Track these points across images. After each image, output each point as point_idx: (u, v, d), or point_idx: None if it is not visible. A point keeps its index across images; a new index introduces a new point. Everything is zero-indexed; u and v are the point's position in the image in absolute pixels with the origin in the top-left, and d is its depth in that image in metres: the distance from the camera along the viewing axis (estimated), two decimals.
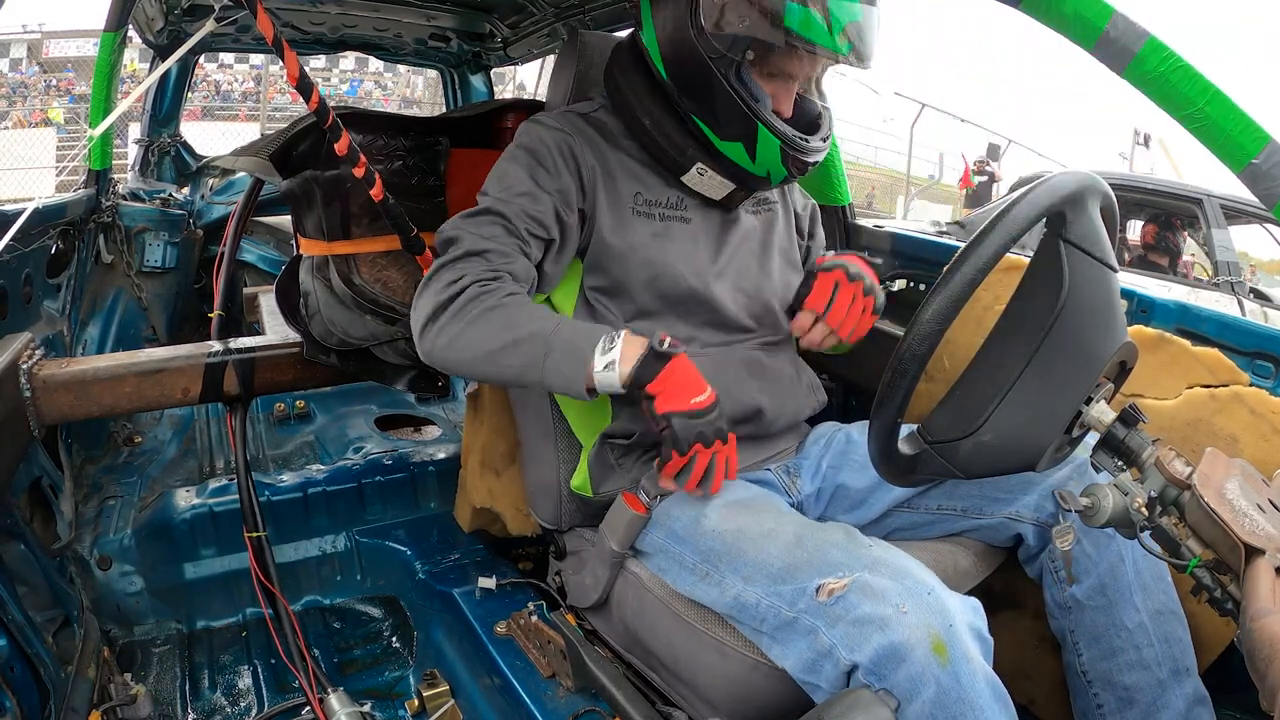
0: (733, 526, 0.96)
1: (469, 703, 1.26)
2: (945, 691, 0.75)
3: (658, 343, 0.93)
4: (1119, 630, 0.96)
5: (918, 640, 0.76)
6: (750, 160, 1.04)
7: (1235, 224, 4.25)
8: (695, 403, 0.92)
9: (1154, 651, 0.95)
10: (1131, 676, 0.96)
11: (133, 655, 1.45)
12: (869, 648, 0.78)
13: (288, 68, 1.11)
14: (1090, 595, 0.98)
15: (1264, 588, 0.61)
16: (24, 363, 1.23)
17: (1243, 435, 1.03)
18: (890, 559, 0.85)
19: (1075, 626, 1.00)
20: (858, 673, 0.79)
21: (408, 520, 1.72)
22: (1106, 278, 0.84)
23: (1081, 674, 1.00)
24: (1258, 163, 0.77)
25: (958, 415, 0.83)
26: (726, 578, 0.93)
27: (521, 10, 1.94)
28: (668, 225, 1.10)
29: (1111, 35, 0.83)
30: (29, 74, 16.13)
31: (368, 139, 1.36)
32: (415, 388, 1.54)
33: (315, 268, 1.38)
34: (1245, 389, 1.05)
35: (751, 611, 0.89)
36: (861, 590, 0.81)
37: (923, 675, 0.75)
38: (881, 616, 0.78)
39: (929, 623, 0.77)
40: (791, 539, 0.91)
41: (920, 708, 0.76)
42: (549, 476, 1.18)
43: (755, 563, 0.91)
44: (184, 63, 2.63)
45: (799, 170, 1.07)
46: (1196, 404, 1.08)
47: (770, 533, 0.93)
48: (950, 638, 0.77)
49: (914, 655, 0.76)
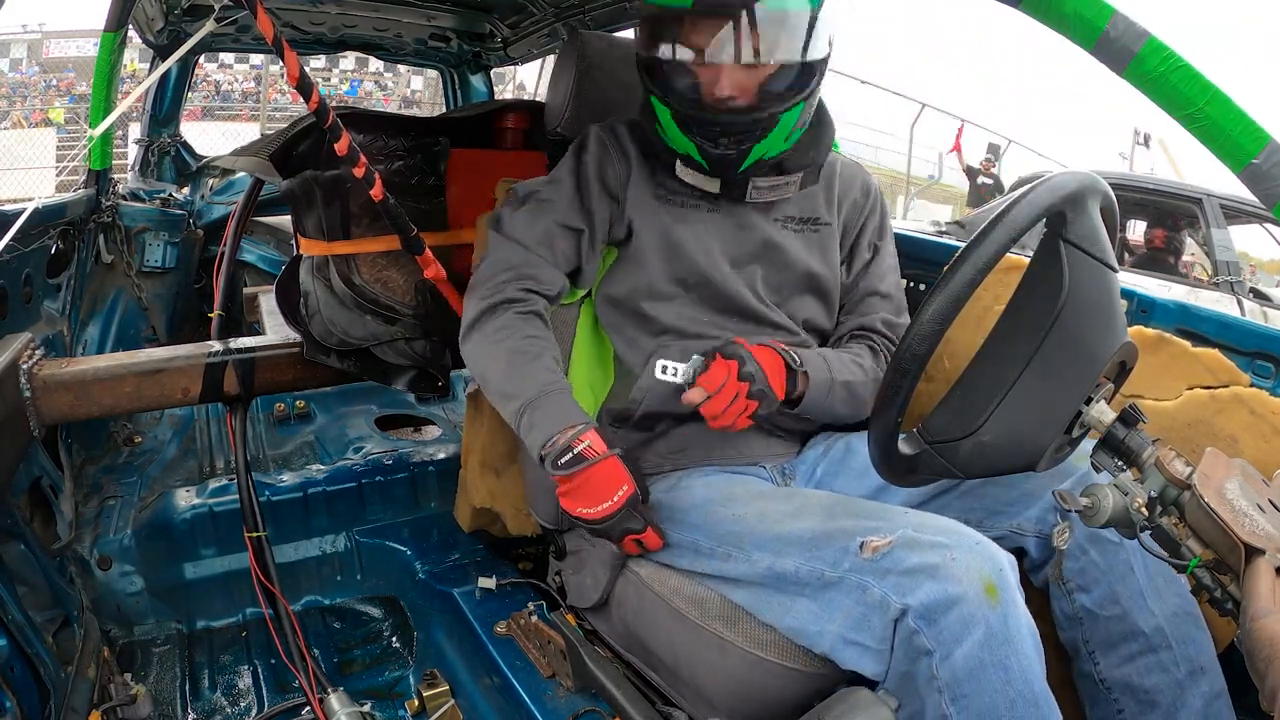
0: (754, 510, 0.99)
1: (469, 703, 1.26)
2: (994, 633, 0.77)
3: (589, 447, 0.98)
4: (1136, 635, 0.96)
5: (970, 582, 0.78)
6: (665, 136, 1.08)
7: (1235, 224, 4.25)
8: (587, 513, 0.98)
9: (1171, 654, 0.95)
10: (1151, 679, 0.95)
11: (133, 655, 1.45)
12: (920, 593, 0.80)
13: (288, 68, 1.11)
14: (1102, 604, 0.98)
15: (1264, 588, 0.61)
16: (24, 363, 1.23)
17: (1243, 436, 1.03)
18: (931, 519, 0.88)
19: (1089, 636, 1.00)
20: (907, 618, 0.80)
21: (408, 520, 1.72)
22: (1107, 278, 0.84)
23: (1100, 682, 0.99)
24: (1258, 163, 0.77)
25: (958, 415, 0.83)
26: (754, 554, 0.94)
27: (521, 10, 1.94)
28: (686, 212, 1.13)
29: (1111, 35, 0.83)
30: (29, 74, 16.13)
31: (368, 139, 1.36)
32: (415, 388, 1.54)
33: (315, 268, 1.38)
34: (1245, 390, 1.04)
35: (790, 579, 0.90)
36: (908, 544, 0.83)
37: (973, 617, 0.77)
38: (931, 565, 0.80)
39: (980, 567, 0.79)
40: (822, 511, 0.94)
41: (969, 650, 0.77)
42: (549, 476, 1.18)
43: (786, 537, 0.93)
44: (184, 63, 2.63)
45: (710, 141, 1.04)
46: (1197, 405, 1.07)
47: (798, 510, 0.96)
48: (1001, 581, 0.79)
49: (967, 598, 0.78)
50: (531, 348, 1.06)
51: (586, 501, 0.98)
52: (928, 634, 0.79)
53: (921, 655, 0.80)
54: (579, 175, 1.14)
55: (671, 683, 1.04)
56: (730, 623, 0.94)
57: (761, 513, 0.98)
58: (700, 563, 1.00)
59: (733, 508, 1.01)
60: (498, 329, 1.08)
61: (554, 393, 1.03)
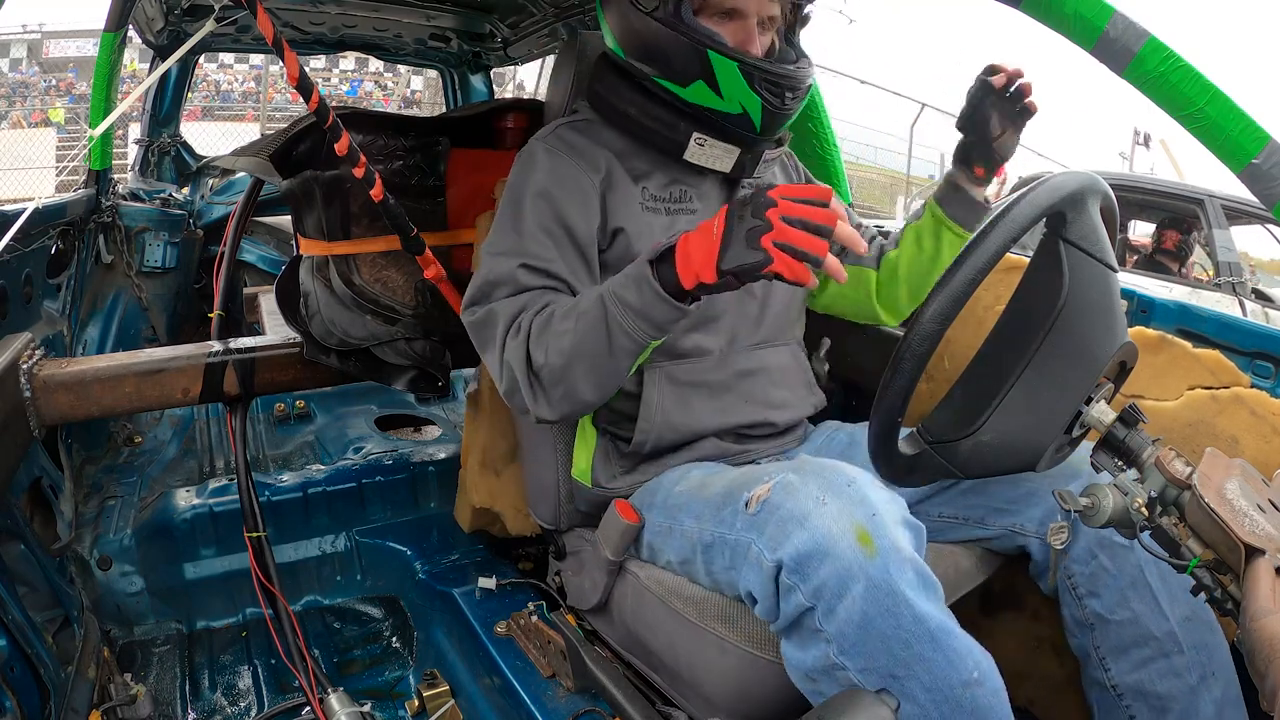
0: (695, 483, 0.99)
1: (469, 703, 1.26)
2: (875, 586, 0.73)
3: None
4: (1148, 640, 0.94)
5: (840, 532, 0.75)
6: (718, 96, 1.00)
7: (1236, 224, 4.25)
8: (722, 256, 0.81)
9: (1184, 659, 0.93)
10: (1164, 684, 0.94)
11: (133, 655, 1.45)
12: (790, 545, 0.77)
13: (288, 68, 1.11)
14: (1113, 609, 0.96)
15: (1264, 588, 0.61)
16: (24, 363, 1.23)
17: (1244, 437, 1.03)
18: (817, 461, 0.84)
19: (1100, 642, 0.98)
20: (782, 574, 0.78)
21: (408, 520, 1.72)
22: (1106, 278, 0.84)
23: (1111, 688, 0.98)
24: (1258, 163, 0.77)
25: (958, 415, 0.83)
26: (684, 523, 0.95)
27: (521, 10, 1.94)
28: (674, 219, 1.09)
29: (1111, 35, 0.83)
30: (29, 74, 16.14)
31: (368, 139, 1.36)
32: (415, 388, 1.54)
33: (315, 268, 1.38)
34: (1246, 390, 1.05)
35: (714, 553, 0.90)
36: (784, 490, 0.81)
37: (849, 570, 0.74)
38: (802, 512, 0.77)
39: (851, 513, 0.76)
40: (724, 482, 0.93)
41: (851, 605, 0.74)
42: (549, 477, 1.18)
43: (702, 500, 0.94)
44: (184, 63, 2.63)
45: (775, 97, 1.00)
46: (1197, 405, 1.07)
47: (709, 482, 0.96)
48: (875, 527, 0.75)
49: (838, 548, 0.74)
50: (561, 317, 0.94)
51: (705, 248, 0.83)
52: (804, 590, 0.76)
53: (804, 611, 0.78)
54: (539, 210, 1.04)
55: (671, 683, 1.04)
56: (729, 622, 0.93)
57: (701, 482, 0.98)
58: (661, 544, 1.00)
59: (681, 485, 1.01)
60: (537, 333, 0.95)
61: (603, 289, 0.92)
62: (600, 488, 1.11)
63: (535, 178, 1.05)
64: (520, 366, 0.96)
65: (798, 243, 0.77)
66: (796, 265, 0.78)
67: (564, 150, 1.07)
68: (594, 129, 1.11)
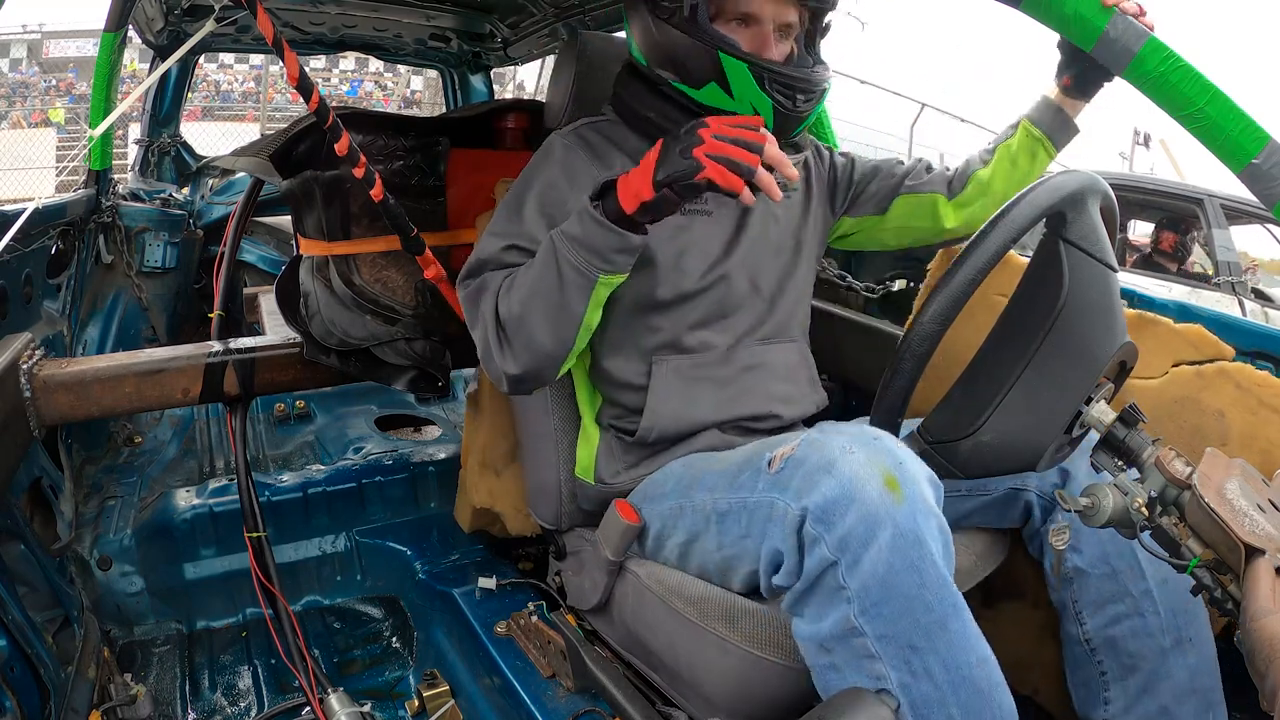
0: (708, 460, 1.00)
1: (469, 703, 1.26)
2: (903, 533, 0.73)
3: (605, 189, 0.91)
4: (1124, 596, 0.95)
5: (868, 476, 0.75)
6: (729, 97, 1.01)
7: (1236, 224, 4.25)
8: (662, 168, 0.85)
9: (1159, 620, 0.94)
10: (1136, 643, 0.95)
11: (133, 655, 1.45)
12: (816, 493, 0.76)
13: (288, 68, 1.11)
14: (1094, 564, 0.97)
15: (1264, 588, 0.61)
16: (24, 363, 1.23)
17: (1230, 410, 1.04)
18: (839, 424, 0.86)
19: (1079, 596, 0.99)
20: (806, 523, 0.77)
21: (408, 520, 1.72)
22: (1106, 278, 0.84)
23: (1085, 642, 0.99)
24: (1258, 163, 0.77)
25: (958, 415, 0.83)
26: (697, 498, 0.95)
27: (521, 10, 1.94)
28: (690, 219, 1.09)
29: (1111, 35, 0.83)
30: (29, 74, 16.14)
31: (368, 139, 1.36)
32: (415, 388, 1.54)
33: (315, 268, 1.38)
34: (1230, 364, 1.05)
35: (729, 521, 0.90)
36: (809, 445, 0.81)
37: (877, 514, 0.73)
38: (828, 460, 0.77)
39: (878, 460, 0.76)
40: (742, 451, 0.94)
41: (877, 553, 0.73)
42: (549, 476, 1.18)
43: (717, 471, 0.94)
44: (184, 63, 2.63)
45: (787, 99, 1.01)
46: (1183, 381, 1.08)
47: (726, 455, 0.98)
48: (902, 475, 0.75)
49: (865, 492, 0.74)
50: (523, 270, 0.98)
51: (641, 171, 0.87)
52: (828, 541, 0.75)
53: (827, 567, 0.76)
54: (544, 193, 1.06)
55: (671, 683, 1.04)
56: (730, 622, 0.93)
57: (707, 461, 0.99)
58: (671, 531, 1.00)
59: (680, 470, 1.02)
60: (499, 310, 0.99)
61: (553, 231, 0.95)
62: (603, 484, 1.12)
63: (547, 168, 1.08)
64: (491, 323, 1.00)
65: (729, 153, 0.82)
66: (729, 174, 0.81)
67: (580, 147, 1.09)
68: (616, 130, 1.12)
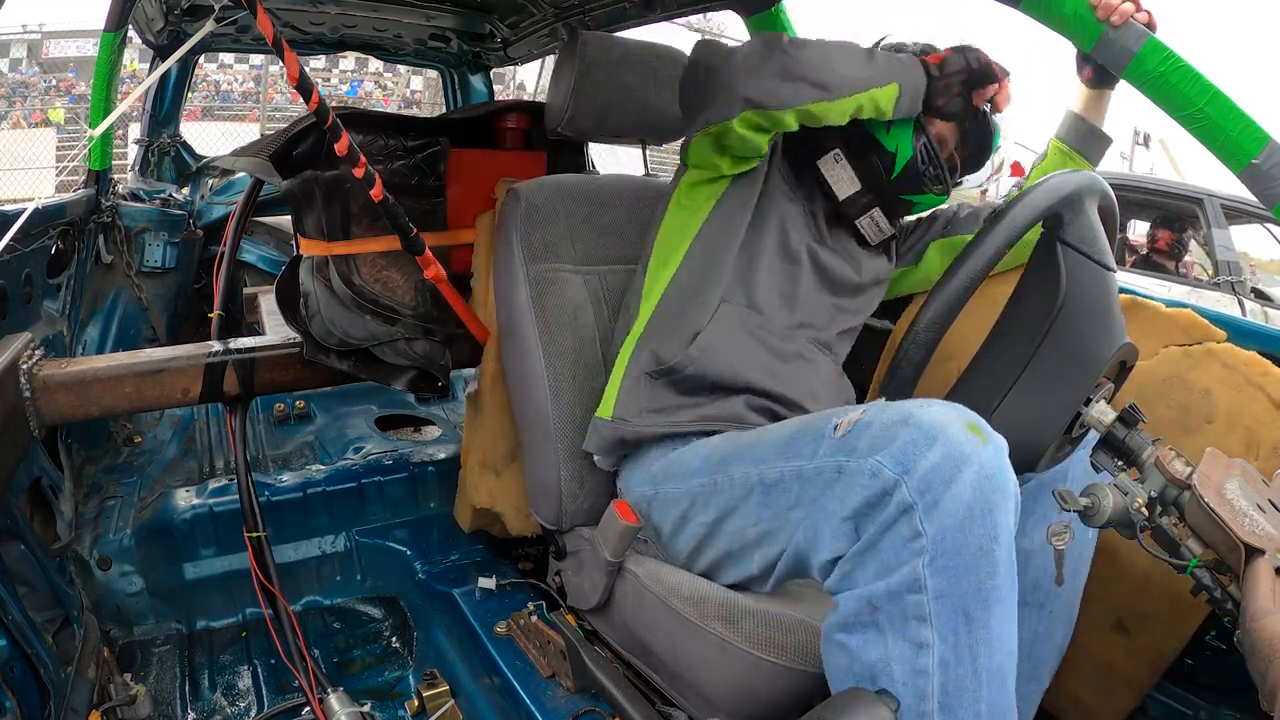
0: (729, 444, 0.99)
1: (469, 703, 1.26)
2: (988, 475, 0.70)
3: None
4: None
5: (950, 420, 0.72)
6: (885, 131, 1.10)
7: (1236, 224, 4.25)
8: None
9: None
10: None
11: (133, 655, 1.45)
12: (895, 444, 0.73)
13: (288, 68, 1.11)
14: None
15: (1264, 588, 0.61)
16: (24, 363, 1.23)
17: (1217, 388, 1.06)
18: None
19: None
20: (885, 469, 0.73)
21: (408, 520, 1.72)
22: (1104, 279, 0.84)
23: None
24: (1258, 163, 0.77)
25: None
26: (737, 471, 0.93)
27: (521, 10, 1.94)
28: (798, 208, 1.17)
29: (1111, 35, 0.83)
30: (29, 74, 16.13)
31: (368, 139, 1.36)
32: (415, 388, 1.54)
33: (315, 268, 1.38)
34: (1217, 345, 1.07)
35: (777, 491, 0.88)
36: (879, 409, 0.79)
37: (963, 452, 0.70)
38: (905, 414, 0.75)
39: (960, 415, 0.73)
40: (794, 422, 0.93)
41: (958, 494, 0.69)
42: (549, 476, 1.18)
43: (765, 443, 0.92)
44: (184, 63, 2.63)
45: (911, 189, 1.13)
46: (1171, 362, 1.10)
47: (770, 429, 0.96)
48: (984, 426, 0.73)
49: (949, 432, 0.71)
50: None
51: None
52: (909, 483, 0.71)
53: (903, 513, 0.72)
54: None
55: (671, 683, 1.04)
56: (729, 622, 0.94)
57: (734, 439, 0.99)
58: (699, 510, 0.99)
59: (706, 451, 1.01)
60: None
61: None
62: (620, 421, 1.10)
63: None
64: None
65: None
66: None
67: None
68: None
